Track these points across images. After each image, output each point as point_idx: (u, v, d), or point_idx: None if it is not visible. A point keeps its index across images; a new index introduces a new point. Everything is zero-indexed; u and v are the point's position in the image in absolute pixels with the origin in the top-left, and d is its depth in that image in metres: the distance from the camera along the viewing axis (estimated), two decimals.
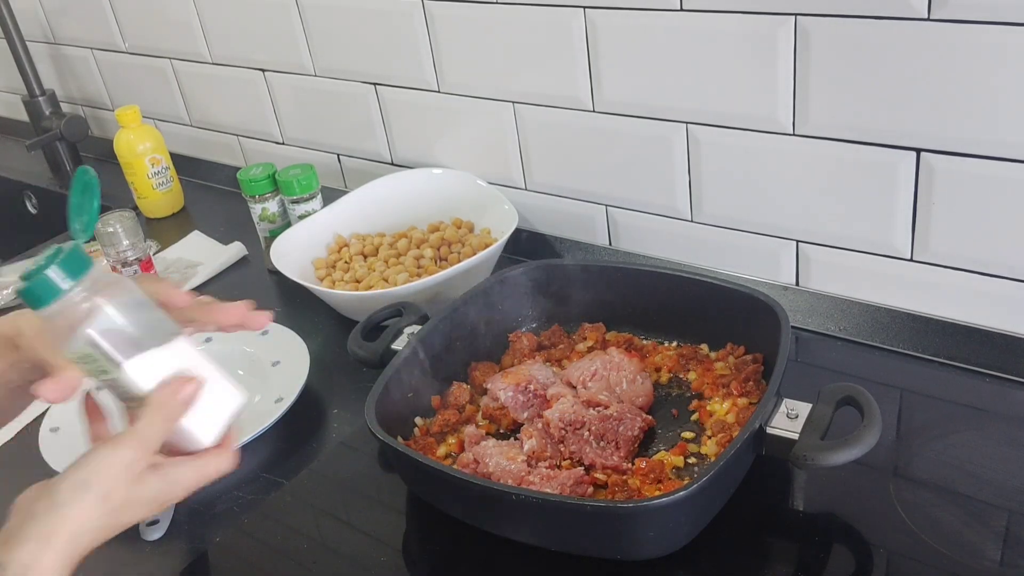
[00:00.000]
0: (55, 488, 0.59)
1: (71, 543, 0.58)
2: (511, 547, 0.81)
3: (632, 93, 1.08)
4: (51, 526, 0.57)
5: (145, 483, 0.61)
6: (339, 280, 1.20)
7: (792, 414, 0.79)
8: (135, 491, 0.60)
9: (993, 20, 0.82)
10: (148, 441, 0.61)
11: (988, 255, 0.93)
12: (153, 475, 0.61)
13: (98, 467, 0.60)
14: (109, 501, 0.59)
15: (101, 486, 0.59)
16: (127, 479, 0.60)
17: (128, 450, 0.60)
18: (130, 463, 0.60)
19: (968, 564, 0.75)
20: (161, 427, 0.62)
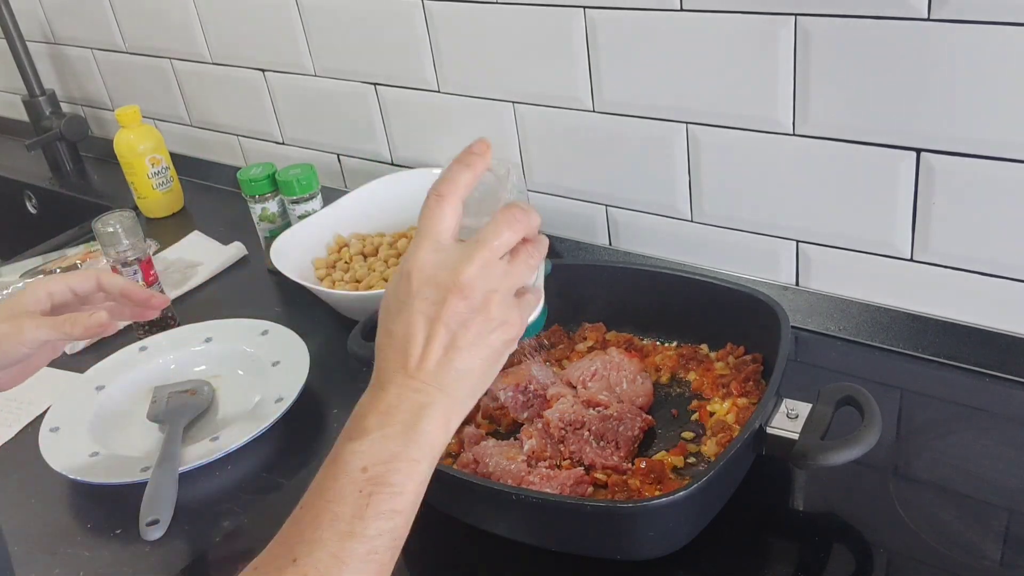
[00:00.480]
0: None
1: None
2: (511, 547, 0.81)
3: (632, 93, 1.08)
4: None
5: (459, 249, 0.59)
6: (339, 280, 1.20)
7: (792, 414, 0.79)
8: (453, 254, 0.59)
9: (993, 20, 0.82)
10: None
11: (988, 255, 0.93)
12: (466, 245, 0.59)
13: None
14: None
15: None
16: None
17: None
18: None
19: (968, 564, 0.75)
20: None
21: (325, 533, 0.53)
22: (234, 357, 1.14)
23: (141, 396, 1.10)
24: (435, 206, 0.59)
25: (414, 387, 0.57)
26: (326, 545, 0.52)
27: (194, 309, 1.29)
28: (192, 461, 0.96)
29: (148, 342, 1.17)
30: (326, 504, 0.54)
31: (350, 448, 0.56)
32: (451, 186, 0.60)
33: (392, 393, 0.57)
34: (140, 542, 0.87)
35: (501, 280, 0.59)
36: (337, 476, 0.55)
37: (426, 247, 0.59)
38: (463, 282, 0.57)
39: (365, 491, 0.54)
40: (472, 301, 0.57)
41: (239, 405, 1.07)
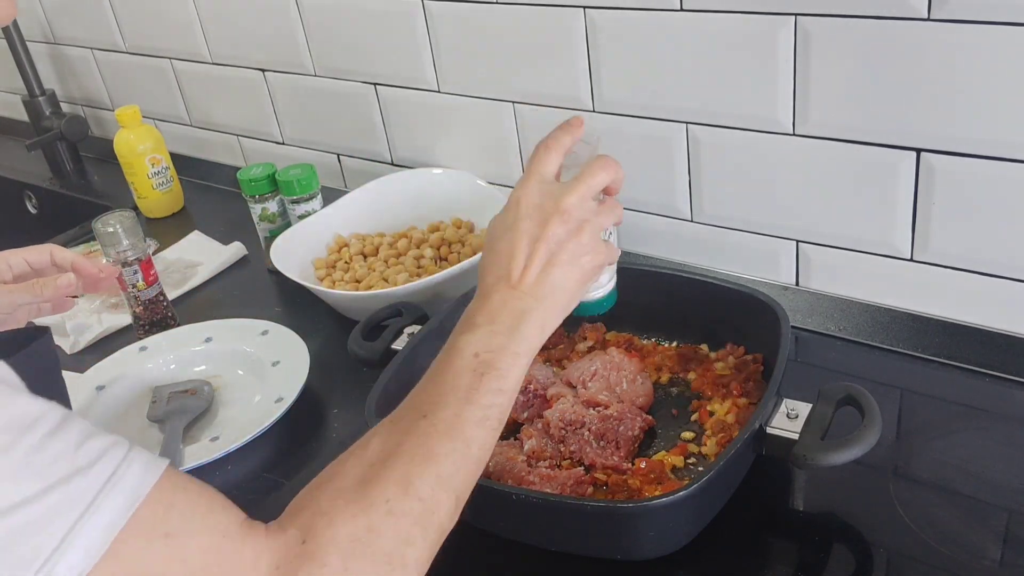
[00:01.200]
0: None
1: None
2: (511, 547, 0.81)
3: (632, 93, 1.08)
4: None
5: (561, 185, 0.70)
6: (339, 280, 1.20)
7: (792, 414, 0.79)
8: (557, 187, 0.69)
9: (993, 20, 0.82)
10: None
11: (988, 255, 0.93)
12: (568, 182, 0.70)
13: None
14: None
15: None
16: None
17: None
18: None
19: (968, 564, 0.75)
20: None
21: (448, 398, 0.63)
22: (234, 357, 1.14)
23: (141, 396, 1.10)
24: (543, 151, 0.71)
25: (516, 296, 0.67)
26: (449, 407, 0.63)
27: (194, 309, 1.29)
28: (192, 461, 0.96)
29: (148, 342, 1.17)
30: (446, 378, 0.64)
31: (463, 339, 0.66)
32: (556, 141, 0.72)
33: (496, 300, 0.67)
34: None
35: (594, 214, 0.69)
36: (453, 359, 0.65)
37: (533, 181, 0.70)
38: (564, 207, 0.67)
39: (478, 371, 0.64)
40: (569, 225, 0.68)
41: (239, 405, 1.07)
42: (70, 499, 0.47)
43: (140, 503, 0.49)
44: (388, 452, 0.61)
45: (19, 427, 0.47)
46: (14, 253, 0.96)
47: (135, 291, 1.19)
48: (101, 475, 0.49)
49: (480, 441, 0.63)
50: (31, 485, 0.46)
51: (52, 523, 0.46)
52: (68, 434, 0.49)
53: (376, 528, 0.57)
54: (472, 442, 0.62)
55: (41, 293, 0.92)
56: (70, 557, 0.46)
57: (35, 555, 0.46)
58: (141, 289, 1.18)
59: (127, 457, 0.50)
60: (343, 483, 0.60)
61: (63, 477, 0.47)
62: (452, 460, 0.61)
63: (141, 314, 1.21)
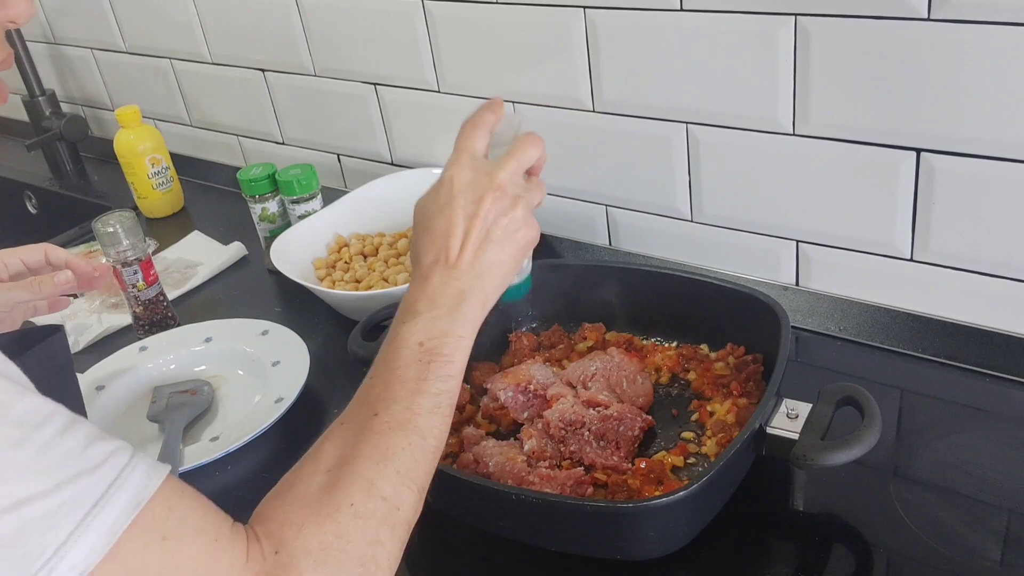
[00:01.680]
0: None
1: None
2: (511, 547, 0.81)
3: (632, 93, 1.08)
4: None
5: (491, 162, 0.70)
6: (339, 280, 1.20)
7: (792, 414, 0.79)
8: (488, 163, 0.70)
9: (993, 20, 0.82)
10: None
11: (988, 255, 0.93)
12: (498, 159, 0.70)
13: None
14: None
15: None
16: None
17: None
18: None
19: (968, 564, 0.75)
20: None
21: (396, 392, 0.64)
22: (234, 357, 1.14)
23: (141, 396, 1.10)
24: (471, 129, 0.71)
25: (455, 275, 0.67)
26: (400, 400, 0.63)
27: (194, 309, 1.29)
28: (192, 461, 0.96)
29: (148, 342, 1.17)
30: (393, 372, 0.64)
31: (406, 328, 0.66)
32: (481, 119, 0.72)
33: (436, 282, 0.67)
34: None
35: (525, 189, 0.70)
36: (399, 351, 0.65)
37: (464, 159, 0.70)
38: (497, 183, 0.68)
39: (424, 359, 0.65)
40: (504, 201, 0.68)
41: (239, 405, 1.07)
42: (77, 498, 0.48)
43: (143, 506, 0.50)
44: (345, 455, 0.61)
45: (31, 424, 0.48)
46: (10, 253, 0.96)
47: (135, 291, 1.19)
48: (107, 477, 0.49)
49: (434, 430, 0.64)
50: (40, 482, 0.47)
51: (58, 521, 0.47)
52: (76, 435, 0.49)
53: (345, 533, 0.57)
54: (427, 432, 0.63)
55: (39, 291, 0.93)
56: (74, 555, 0.47)
57: (40, 552, 0.46)
58: (141, 289, 1.19)
59: (131, 461, 0.51)
60: (305, 490, 0.59)
61: (71, 476, 0.48)
62: (410, 454, 0.62)
63: (141, 314, 1.21)
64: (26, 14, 0.60)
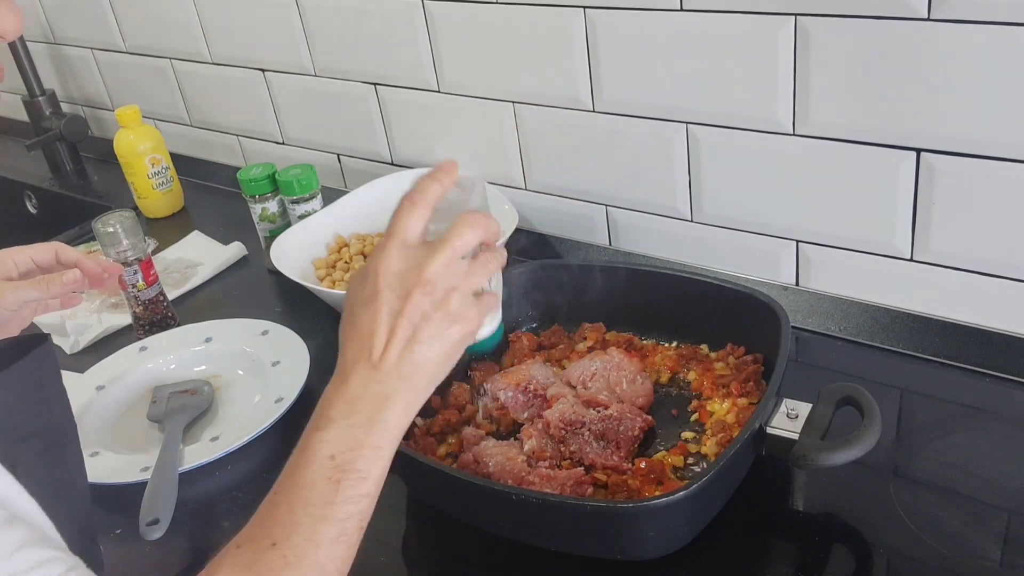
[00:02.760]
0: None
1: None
2: (511, 547, 0.81)
3: (632, 93, 1.08)
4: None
5: (424, 249, 0.64)
6: (339, 280, 1.20)
7: (792, 414, 0.79)
8: (419, 252, 0.63)
9: (993, 20, 0.82)
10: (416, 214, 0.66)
11: (988, 255, 0.93)
12: (431, 244, 0.64)
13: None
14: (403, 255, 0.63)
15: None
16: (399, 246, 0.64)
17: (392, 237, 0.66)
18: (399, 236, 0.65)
19: (968, 564, 0.75)
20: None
21: (299, 517, 0.58)
22: (234, 357, 1.14)
23: (141, 396, 1.10)
24: (406, 209, 0.65)
25: (377, 378, 0.61)
26: (301, 529, 0.57)
27: (194, 309, 1.29)
28: (192, 461, 0.96)
29: (148, 342, 1.17)
30: (299, 491, 0.59)
31: (317, 438, 0.60)
32: (420, 194, 0.65)
33: (356, 383, 0.62)
34: (140, 542, 0.87)
35: (462, 278, 0.63)
36: (307, 464, 0.60)
37: (393, 246, 0.64)
38: (426, 277, 0.62)
39: (334, 478, 0.59)
40: (434, 296, 0.62)
41: (239, 405, 1.07)
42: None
43: None
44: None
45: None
46: (20, 251, 0.96)
47: (135, 291, 1.19)
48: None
49: (337, 559, 0.58)
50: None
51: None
52: (7, 536, 0.48)
53: None
54: (327, 566, 0.58)
55: (48, 289, 0.92)
56: None
57: None
58: (141, 289, 1.19)
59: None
60: None
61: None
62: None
63: (141, 314, 1.21)
64: (15, 29, 0.59)
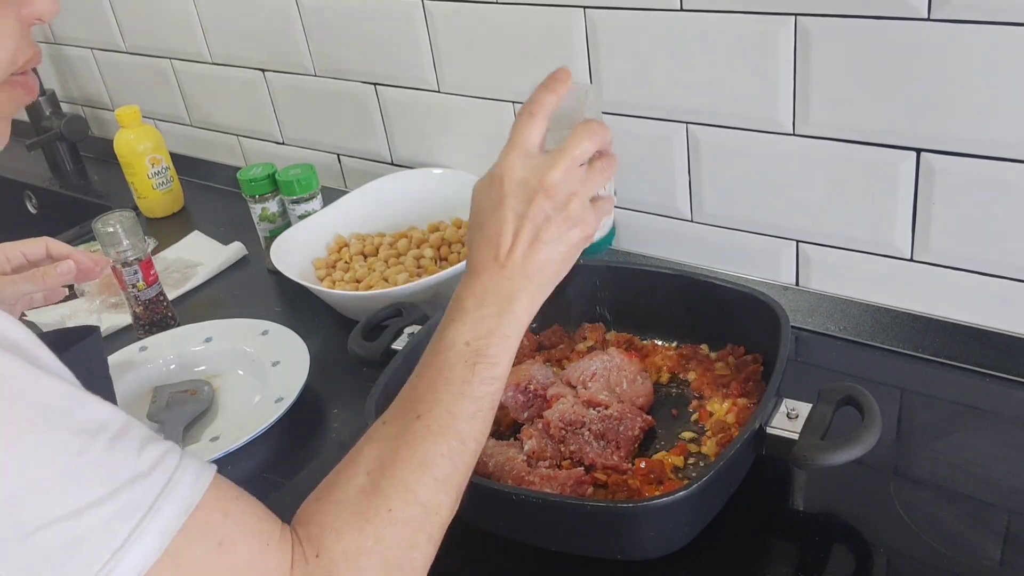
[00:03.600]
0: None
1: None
2: (511, 547, 0.81)
3: (632, 93, 1.08)
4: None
5: (545, 157, 0.67)
6: (339, 280, 1.20)
7: (792, 414, 0.79)
8: (541, 161, 0.66)
9: (993, 20, 0.82)
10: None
11: (988, 255, 0.93)
12: (552, 153, 0.67)
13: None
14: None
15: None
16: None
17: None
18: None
19: (968, 564, 0.75)
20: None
21: (441, 394, 0.63)
22: (234, 357, 1.14)
23: (141, 396, 1.10)
24: (526, 120, 0.68)
25: (505, 275, 0.66)
26: (442, 403, 0.63)
27: (194, 309, 1.29)
28: None
29: (148, 342, 1.17)
30: (438, 372, 0.64)
31: (453, 328, 0.65)
32: (538, 105, 0.69)
33: (485, 279, 0.66)
34: None
35: (580, 184, 0.67)
36: (446, 350, 0.65)
37: (516, 155, 0.67)
38: (549, 184, 0.65)
39: (470, 361, 0.64)
40: (555, 201, 0.66)
41: (239, 405, 1.07)
42: (133, 503, 0.49)
43: (193, 509, 0.52)
44: (385, 459, 0.61)
45: (90, 431, 0.49)
46: (11, 246, 0.98)
47: (135, 291, 1.19)
48: (159, 480, 0.51)
49: (475, 434, 0.64)
50: (99, 488, 0.48)
51: (116, 526, 0.48)
52: (131, 440, 0.51)
53: (382, 538, 0.58)
54: (467, 438, 0.63)
55: (43, 282, 0.94)
56: (131, 557, 0.49)
57: (100, 555, 0.48)
58: (141, 289, 1.19)
59: (180, 464, 0.53)
60: (345, 494, 0.60)
61: (127, 481, 0.49)
62: (448, 460, 0.62)
63: (141, 314, 1.21)
64: (51, 10, 0.60)
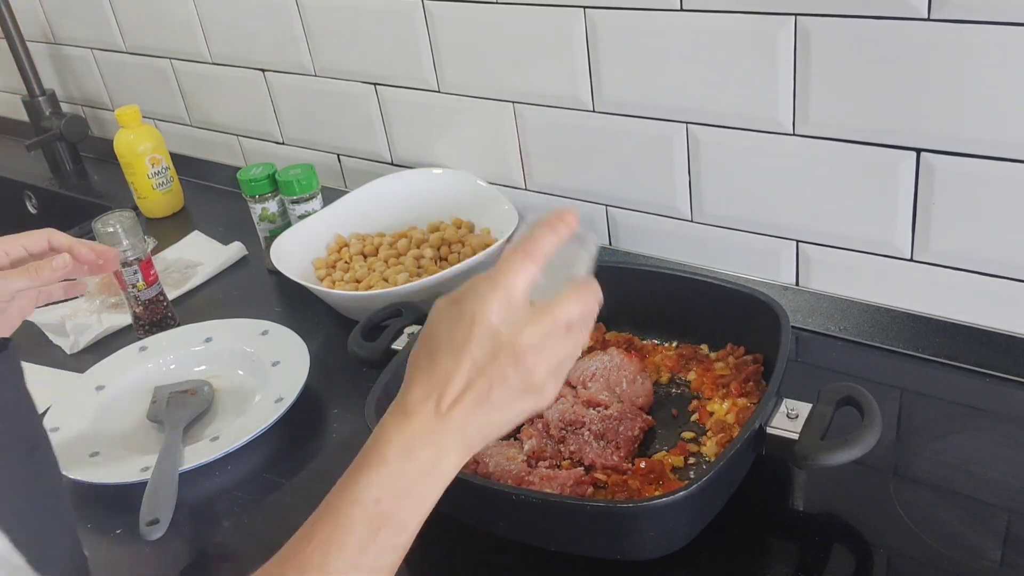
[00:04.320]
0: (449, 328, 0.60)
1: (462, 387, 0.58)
2: (511, 547, 0.81)
3: (632, 93, 1.08)
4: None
5: (527, 310, 0.59)
6: (339, 280, 1.20)
7: (792, 414, 0.79)
8: (521, 313, 0.59)
9: (993, 20, 0.82)
10: (529, 265, 0.60)
11: (988, 255, 0.93)
12: (535, 309, 0.60)
13: (476, 290, 0.60)
14: (498, 337, 0.58)
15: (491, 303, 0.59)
16: (514, 301, 0.59)
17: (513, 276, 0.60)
18: (511, 288, 0.59)
19: (968, 564, 0.75)
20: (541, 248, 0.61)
21: (331, 561, 0.56)
22: (234, 357, 1.14)
23: (141, 396, 1.10)
24: (518, 262, 0.60)
25: (440, 428, 0.58)
26: (331, 572, 0.56)
27: (194, 309, 1.29)
28: (192, 461, 0.96)
29: (148, 342, 1.17)
30: (333, 533, 0.57)
31: (367, 478, 0.58)
32: (537, 248, 0.60)
33: (416, 425, 0.59)
34: (140, 542, 0.87)
35: (553, 350, 0.60)
36: (350, 505, 0.57)
37: (497, 299, 0.59)
38: (520, 345, 0.58)
39: (375, 525, 0.57)
40: (521, 365, 0.58)
41: (239, 405, 1.07)
42: None
43: None
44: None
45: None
46: (12, 240, 0.92)
47: (135, 291, 1.19)
48: None
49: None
50: None
51: None
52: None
53: None
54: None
55: (37, 276, 0.88)
56: None
57: None
58: (141, 289, 1.19)
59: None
60: None
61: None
62: None
63: (141, 314, 1.21)
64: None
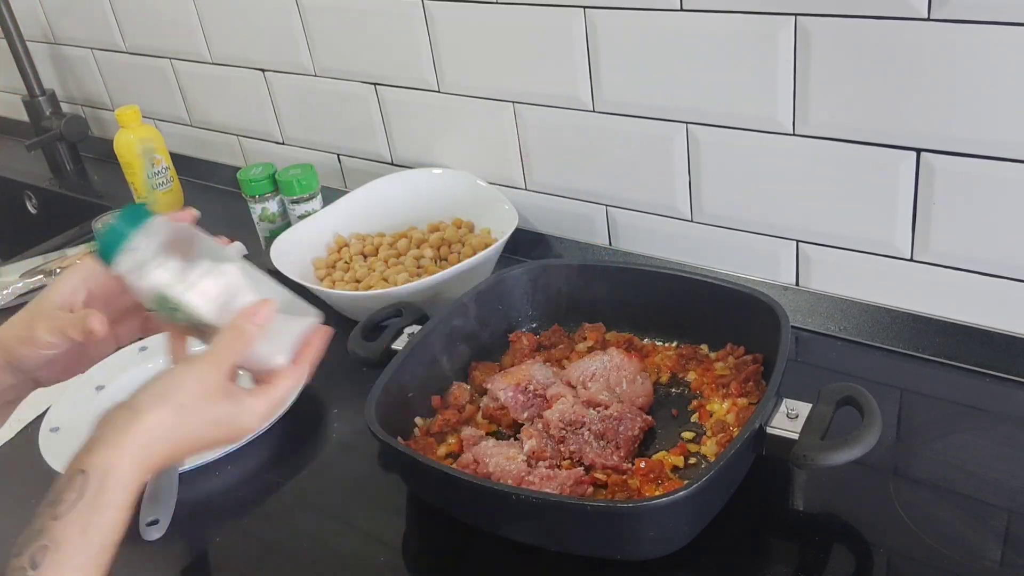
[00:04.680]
0: (134, 399, 0.63)
1: (145, 448, 0.61)
2: (511, 547, 0.81)
3: (632, 93, 1.08)
4: (128, 431, 0.61)
5: (218, 404, 0.64)
6: (339, 280, 1.20)
7: (792, 414, 0.79)
8: (209, 408, 0.64)
9: (993, 20, 0.82)
10: (223, 360, 0.65)
11: (988, 255, 0.93)
12: (226, 399, 0.65)
13: (174, 380, 0.64)
14: (183, 413, 0.63)
15: (176, 397, 0.63)
16: (201, 393, 0.64)
17: (204, 366, 0.65)
18: (204, 377, 0.64)
19: (968, 564, 0.75)
20: (236, 348, 0.66)
21: None
22: None
23: None
24: (243, 345, 0.66)
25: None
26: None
27: None
28: (192, 461, 0.96)
29: (148, 342, 1.17)
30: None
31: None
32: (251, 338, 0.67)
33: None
34: (140, 542, 0.87)
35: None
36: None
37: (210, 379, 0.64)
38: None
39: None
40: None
41: None
42: None
43: None
44: None
45: None
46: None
47: None
48: None
49: None
50: None
51: None
52: None
53: None
54: None
55: (68, 335, 0.71)
56: None
57: None
58: None
59: None
60: None
61: None
62: None
63: None
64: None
